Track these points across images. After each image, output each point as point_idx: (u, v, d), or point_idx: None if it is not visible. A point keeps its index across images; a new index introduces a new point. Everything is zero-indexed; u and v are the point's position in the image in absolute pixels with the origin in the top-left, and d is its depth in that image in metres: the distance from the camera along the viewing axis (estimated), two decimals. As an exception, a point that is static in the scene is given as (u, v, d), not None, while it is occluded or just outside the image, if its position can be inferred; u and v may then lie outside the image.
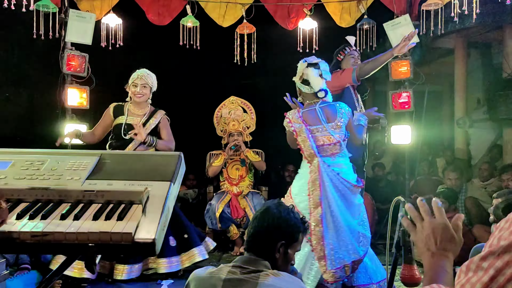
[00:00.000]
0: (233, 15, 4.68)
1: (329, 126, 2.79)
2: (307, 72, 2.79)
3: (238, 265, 1.50)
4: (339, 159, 2.81)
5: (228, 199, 4.39)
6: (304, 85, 2.83)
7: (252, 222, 1.64)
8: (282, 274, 1.47)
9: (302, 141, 2.80)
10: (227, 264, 1.54)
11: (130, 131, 3.30)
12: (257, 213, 1.68)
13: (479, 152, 6.17)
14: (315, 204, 2.70)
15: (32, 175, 1.11)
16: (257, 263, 1.50)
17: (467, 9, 3.56)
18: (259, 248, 1.57)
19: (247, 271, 1.46)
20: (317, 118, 2.82)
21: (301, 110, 2.88)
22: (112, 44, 4.44)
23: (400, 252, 1.57)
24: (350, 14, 4.69)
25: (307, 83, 2.81)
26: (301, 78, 2.82)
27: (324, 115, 2.81)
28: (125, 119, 3.37)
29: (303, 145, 2.80)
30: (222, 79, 5.58)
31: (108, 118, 3.44)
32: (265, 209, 1.65)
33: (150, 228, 0.97)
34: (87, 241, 0.94)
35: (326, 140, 2.78)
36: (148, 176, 1.12)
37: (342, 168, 2.78)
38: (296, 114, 2.85)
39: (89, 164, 1.15)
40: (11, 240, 0.94)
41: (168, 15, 4.57)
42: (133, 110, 3.43)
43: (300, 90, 2.89)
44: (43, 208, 1.04)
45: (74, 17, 4.16)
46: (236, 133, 4.57)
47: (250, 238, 1.61)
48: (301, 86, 2.84)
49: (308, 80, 2.80)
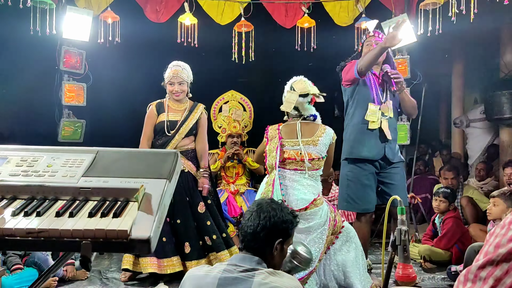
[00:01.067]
0: (231, 13, 4.68)
1: (302, 141, 2.75)
2: (299, 103, 2.81)
3: (233, 263, 1.50)
4: (299, 177, 2.71)
5: (225, 197, 4.39)
6: (294, 111, 2.85)
7: (246, 221, 1.62)
8: (277, 273, 1.47)
9: (269, 150, 2.80)
10: (222, 263, 1.54)
11: (172, 127, 3.34)
12: (250, 211, 1.64)
13: (475, 151, 6.19)
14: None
15: (28, 172, 1.10)
16: (252, 262, 1.51)
17: (465, 8, 3.57)
18: (256, 247, 1.57)
19: (243, 269, 1.46)
20: (294, 132, 2.81)
21: (282, 124, 2.90)
22: (109, 41, 4.43)
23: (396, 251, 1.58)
24: (348, 13, 4.69)
25: (297, 109, 2.84)
26: (291, 109, 2.82)
27: (301, 130, 2.80)
28: (166, 115, 3.37)
29: (268, 154, 2.79)
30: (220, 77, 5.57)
31: (154, 117, 3.41)
32: (258, 208, 1.63)
33: (146, 225, 0.96)
34: (82, 238, 0.94)
35: (293, 154, 2.74)
36: (144, 174, 1.11)
37: (298, 185, 2.68)
38: (275, 127, 2.88)
39: (85, 161, 1.14)
40: (6, 237, 0.94)
41: (166, 13, 4.56)
42: (173, 106, 3.42)
43: (288, 113, 2.89)
44: (39, 205, 1.03)
45: (72, 13, 4.15)
46: (236, 135, 4.57)
47: (246, 237, 1.59)
48: (292, 111, 2.85)
49: (298, 108, 2.84)
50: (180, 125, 3.36)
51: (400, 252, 1.52)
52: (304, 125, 2.83)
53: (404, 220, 1.57)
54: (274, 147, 2.76)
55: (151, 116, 3.41)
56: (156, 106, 3.44)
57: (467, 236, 3.84)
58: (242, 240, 1.61)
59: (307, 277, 2.59)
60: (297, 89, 2.81)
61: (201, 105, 3.51)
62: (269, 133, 2.87)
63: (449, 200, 3.88)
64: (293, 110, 2.83)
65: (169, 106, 3.42)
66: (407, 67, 4.47)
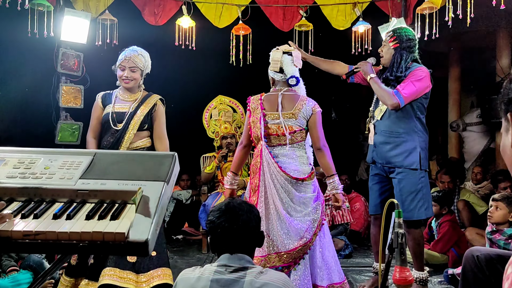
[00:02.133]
0: (229, 16, 4.69)
1: (282, 114, 2.68)
2: (283, 60, 2.73)
3: (223, 263, 1.51)
4: (286, 150, 2.67)
5: (222, 200, 4.39)
6: (278, 73, 2.76)
7: (224, 221, 1.58)
8: (267, 270, 1.51)
9: (253, 122, 2.73)
10: (212, 264, 1.54)
11: (119, 120, 2.81)
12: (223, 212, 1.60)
13: (472, 155, 6.22)
14: (253, 190, 2.65)
15: (25, 174, 1.10)
16: (241, 260, 1.53)
17: (462, 13, 3.59)
18: (245, 246, 1.59)
19: (233, 269, 1.48)
20: (275, 104, 2.72)
21: (264, 94, 2.81)
22: (107, 44, 4.43)
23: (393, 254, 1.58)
24: (346, 16, 4.71)
25: (282, 70, 2.74)
26: (278, 67, 2.74)
27: (282, 102, 2.71)
28: (112, 107, 2.86)
29: (253, 125, 2.72)
30: (218, 79, 5.58)
31: (99, 109, 2.92)
32: (230, 209, 1.61)
33: (144, 228, 0.96)
34: (80, 240, 0.94)
35: (275, 129, 2.67)
36: (142, 176, 1.11)
37: (287, 159, 2.65)
38: (257, 97, 2.79)
39: (82, 163, 1.14)
40: (3, 239, 0.94)
41: (164, 15, 4.57)
42: (121, 97, 2.91)
43: (273, 79, 2.81)
44: (36, 207, 1.03)
45: (69, 16, 4.15)
46: (229, 135, 4.57)
47: (229, 237, 1.57)
48: (275, 74, 2.77)
49: (283, 67, 2.73)
50: (129, 117, 2.81)
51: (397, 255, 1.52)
52: (285, 96, 2.73)
53: (401, 223, 1.58)
54: (257, 118, 2.71)
55: (96, 108, 2.92)
56: (103, 96, 2.94)
57: (464, 240, 3.85)
58: (227, 241, 1.58)
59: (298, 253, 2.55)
60: (281, 48, 2.80)
61: (157, 95, 2.98)
62: (251, 104, 2.79)
63: (440, 203, 3.87)
64: (278, 73, 2.75)
65: (117, 96, 2.92)
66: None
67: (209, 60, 5.10)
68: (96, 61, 4.52)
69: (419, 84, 2.89)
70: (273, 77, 2.80)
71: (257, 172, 2.65)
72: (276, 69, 2.76)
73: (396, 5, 4.61)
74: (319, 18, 4.69)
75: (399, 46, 2.97)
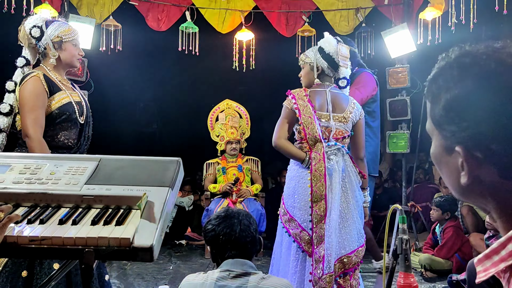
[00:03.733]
0: (232, 21, 4.71)
1: (333, 116, 2.37)
2: (343, 53, 2.38)
3: (226, 269, 1.52)
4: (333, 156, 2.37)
5: (225, 205, 4.39)
6: (331, 68, 2.42)
7: (225, 227, 1.60)
8: (269, 276, 1.53)
9: (306, 122, 2.32)
10: (214, 270, 1.55)
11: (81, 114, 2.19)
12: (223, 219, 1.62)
13: (475, 160, 6.19)
14: (318, 197, 2.28)
15: (31, 180, 1.11)
16: (244, 265, 1.54)
17: (465, 18, 3.60)
18: (249, 252, 1.61)
19: (236, 274, 1.50)
20: (325, 103, 2.36)
21: (308, 90, 2.42)
22: (111, 49, 4.45)
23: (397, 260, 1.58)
24: (349, 22, 4.73)
25: (337, 67, 2.41)
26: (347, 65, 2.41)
27: (331, 102, 2.38)
28: (69, 95, 2.16)
29: (306, 127, 2.32)
30: (220, 85, 5.60)
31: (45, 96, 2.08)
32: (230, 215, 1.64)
33: (149, 233, 0.97)
34: (85, 246, 0.94)
35: (325, 133, 2.36)
36: (147, 182, 1.12)
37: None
38: (302, 92, 2.39)
39: (87, 169, 1.15)
40: (9, 245, 0.94)
41: (167, 21, 4.60)
42: (64, 81, 2.21)
43: (321, 72, 2.44)
44: (42, 212, 1.04)
45: (74, 21, 4.18)
46: (234, 141, 4.58)
47: (232, 243, 1.59)
48: (329, 69, 2.41)
49: (338, 64, 2.39)
50: (87, 108, 2.27)
51: (401, 261, 1.52)
52: (334, 95, 2.40)
53: (405, 229, 1.58)
54: (310, 117, 2.33)
55: (43, 95, 2.06)
56: (45, 78, 2.09)
57: (468, 246, 3.83)
58: (229, 247, 1.59)
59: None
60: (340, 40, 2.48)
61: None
62: (297, 100, 2.35)
63: (443, 209, 3.86)
64: (332, 68, 2.42)
65: (60, 81, 2.17)
66: (407, 76, 4.50)
67: (212, 65, 5.12)
68: (100, 66, 4.55)
69: (366, 90, 2.89)
70: (325, 70, 2.44)
71: (322, 178, 2.30)
72: (345, 66, 2.44)
73: (399, 10, 4.63)
74: (322, 24, 4.71)
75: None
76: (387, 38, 4.46)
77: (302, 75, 2.53)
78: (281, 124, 2.39)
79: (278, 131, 2.38)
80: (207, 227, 1.64)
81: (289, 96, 2.40)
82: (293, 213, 2.35)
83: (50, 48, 2.17)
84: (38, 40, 2.17)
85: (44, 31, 2.17)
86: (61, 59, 2.19)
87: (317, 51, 2.45)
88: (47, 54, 2.19)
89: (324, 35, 2.49)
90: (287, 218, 2.36)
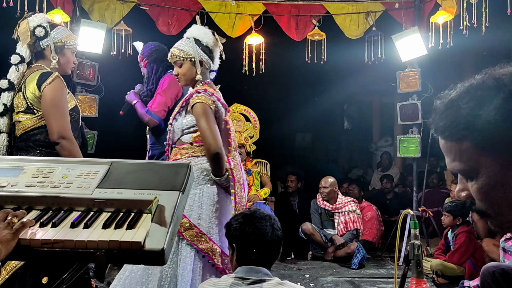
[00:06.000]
0: (242, 25, 4.72)
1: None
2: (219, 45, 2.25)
3: (240, 276, 1.50)
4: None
5: (234, 209, 4.38)
6: (211, 62, 2.29)
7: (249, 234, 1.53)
8: (285, 283, 1.49)
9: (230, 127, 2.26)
10: (229, 275, 1.54)
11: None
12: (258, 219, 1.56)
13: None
14: (242, 206, 2.22)
15: (43, 183, 1.12)
16: (258, 273, 1.51)
17: (477, 22, 3.57)
18: (265, 259, 1.56)
19: (250, 281, 1.47)
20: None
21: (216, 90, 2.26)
22: (122, 53, 4.49)
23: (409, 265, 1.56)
24: (359, 26, 4.71)
25: (213, 60, 2.30)
26: (211, 54, 2.27)
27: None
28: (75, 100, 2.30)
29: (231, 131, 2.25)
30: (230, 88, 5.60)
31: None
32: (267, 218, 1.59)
33: (160, 237, 0.97)
34: (97, 249, 0.95)
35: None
36: (158, 185, 1.12)
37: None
38: (219, 94, 2.24)
39: (99, 173, 1.16)
40: (21, 248, 0.95)
41: (177, 25, 4.62)
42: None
43: (204, 67, 2.29)
44: (54, 216, 1.04)
45: (86, 26, 4.22)
46: (238, 145, 4.57)
47: (262, 246, 1.54)
48: (208, 63, 2.28)
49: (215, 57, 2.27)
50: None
51: (413, 267, 1.50)
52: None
53: (417, 234, 1.56)
54: (230, 121, 2.36)
55: (66, 94, 2.16)
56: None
57: (480, 251, 3.77)
58: (258, 249, 1.54)
59: None
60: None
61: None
62: (220, 100, 2.29)
63: (453, 214, 3.80)
64: (215, 61, 2.32)
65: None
66: (418, 80, 4.47)
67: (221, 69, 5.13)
68: (111, 70, 4.59)
69: (166, 93, 2.88)
70: (207, 65, 2.35)
71: (242, 186, 2.31)
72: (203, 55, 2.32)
73: (410, 14, 4.60)
74: (332, 28, 4.70)
75: (148, 61, 3.02)
76: (397, 41, 4.43)
77: (181, 73, 2.27)
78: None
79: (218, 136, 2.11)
80: (234, 224, 1.57)
81: (206, 94, 2.18)
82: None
83: (51, 50, 2.17)
84: (39, 40, 2.16)
85: (48, 32, 2.17)
86: (59, 64, 2.21)
87: (195, 44, 2.24)
88: (45, 55, 2.19)
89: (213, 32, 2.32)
90: None
